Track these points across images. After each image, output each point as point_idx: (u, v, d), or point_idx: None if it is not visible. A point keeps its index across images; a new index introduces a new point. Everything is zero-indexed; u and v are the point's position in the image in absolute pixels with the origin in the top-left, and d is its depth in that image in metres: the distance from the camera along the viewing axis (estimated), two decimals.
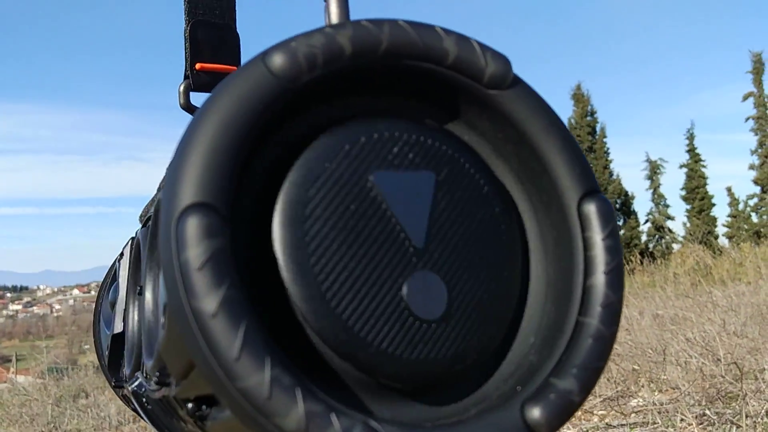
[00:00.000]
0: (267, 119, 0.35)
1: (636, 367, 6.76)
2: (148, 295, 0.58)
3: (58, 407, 9.31)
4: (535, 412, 0.38)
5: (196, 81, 0.67)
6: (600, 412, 5.67)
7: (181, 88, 0.68)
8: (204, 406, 0.42)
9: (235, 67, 0.68)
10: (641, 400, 5.75)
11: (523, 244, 0.43)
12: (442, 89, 0.41)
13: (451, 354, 0.38)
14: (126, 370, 0.67)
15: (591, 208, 0.42)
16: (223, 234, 0.32)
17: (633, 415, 5.25)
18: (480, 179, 0.40)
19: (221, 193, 0.34)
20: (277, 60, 0.36)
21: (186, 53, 0.69)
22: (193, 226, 0.33)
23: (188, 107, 0.69)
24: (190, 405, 0.43)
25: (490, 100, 0.40)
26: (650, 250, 22.86)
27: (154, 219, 0.57)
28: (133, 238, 0.73)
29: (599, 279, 0.40)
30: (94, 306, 1.00)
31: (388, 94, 0.41)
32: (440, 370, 0.37)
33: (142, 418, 0.74)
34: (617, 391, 6.11)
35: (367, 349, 0.36)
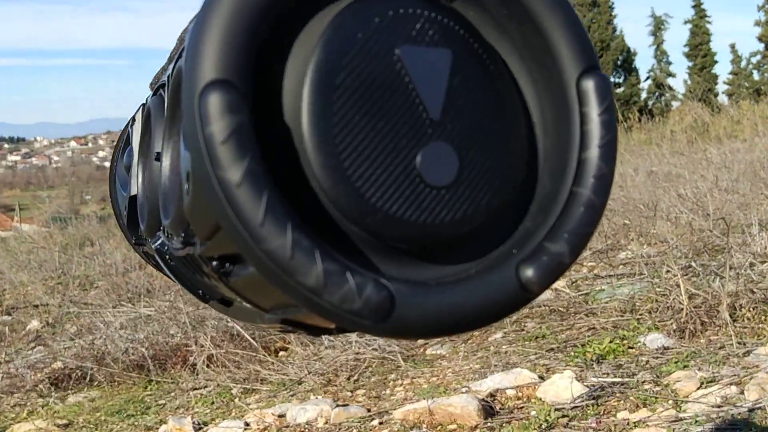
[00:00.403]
0: None
1: (627, 222, 6.93)
2: (166, 161, 0.60)
3: (65, 254, 9.57)
4: (529, 272, 0.42)
5: None
6: (589, 264, 5.88)
7: None
8: (228, 264, 0.45)
9: None
10: (630, 252, 5.95)
11: (526, 118, 0.46)
12: None
13: (458, 218, 0.41)
14: (142, 228, 0.72)
15: (589, 85, 0.44)
16: (243, 109, 0.35)
17: (621, 266, 5.45)
18: (486, 57, 0.43)
19: (241, 70, 0.36)
20: None
21: None
22: (215, 101, 0.35)
23: None
24: (214, 263, 0.46)
25: None
26: (649, 107, 22.72)
27: (173, 90, 0.58)
28: (144, 105, 0.76)
29: (593, 152, 0.44)
30: (109, 168, 1.04)
31: None
32: (445, 233, 0.41)
33: (164, 273, 0.78)
34: (607, 245, 6.30)
35: (376, 214, 0.40)
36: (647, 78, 24.11)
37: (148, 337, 4.74)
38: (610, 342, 3.63)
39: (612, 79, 25.92)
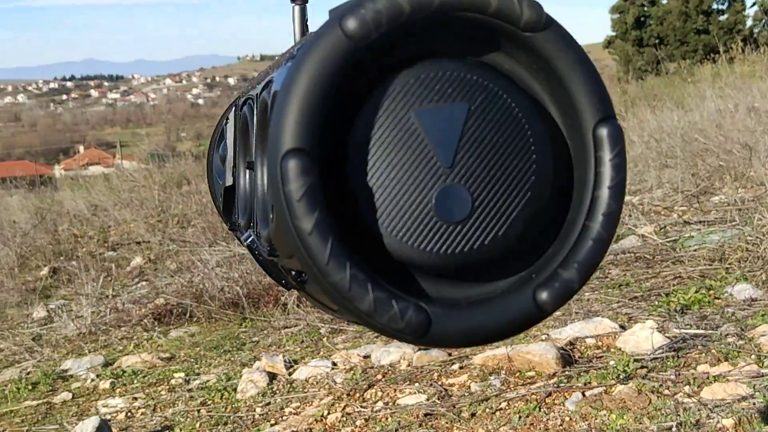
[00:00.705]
0: (345, 74, 0.46)
1: (722, 163, 6.70)
2: (259, 173, 0.71)
3: (164, 192, 10.03)
4: (543, 295, 0.51)
5: None
6: (680, 208, 5.76)
7: None
8: (304, 274, 0.55)
9: None
10: (723, 197, 5.78)
11: (558, 156, 0.53)
12: (486, 32, 0.50)
13: (476, 247, 0.50)
14: (240, 220, 0.83)
15: (604, 132, 0.51)
16: (313, 172, 0.45)
17: (713, 212, 5.31)
18: (512, 103, 0.50)
19: (312, 139, 0.45)
20: (351, 24, 0.46)
21: None
22: (293, 166, 0.45)
23: None
24: (293, 272, 0.57)
25: (526, 40, 0.49)
26: (755, 36, 21.44)
27: (260, 113, 0.68)
28: (235, 105, 0.85)
29: (604, 192, 0.51)
30: (206, 155, 1.15)
31: (442, 37, 0.50)
32: (467, 260, 0.50)
33: (254, 260, 0.90)
34: (699, 189, 6.14)
35: (403, 247, 0.49)
36: (753, 4, 22.69)
37: (242, 276, 4.99)
38: (696, 292, 3.60)
39: (714, 6, 24.51)
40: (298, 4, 0.80)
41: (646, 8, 26.06)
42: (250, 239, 0.77)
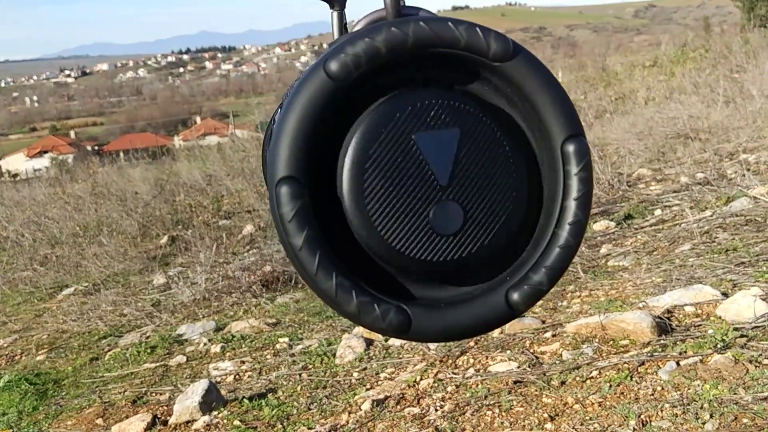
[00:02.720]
0: (329, 109, 0.52)
1: None
2: None
3: None
4: (515, 296, 0.56)
5: None
6: None
7: None
8: None
9: None
10: None
11: (532, 171, 0.58)
12: (461, 63, 0.55)
13: (464, 256, 0.56)
14: None
15: (571, 148, 0.56)
16: (303, 195, 0.52)
17: None
18: (494, 127, 0.55)
19: (300, 168, 0.52)
20: (333, 67, 0.52)
21: None
22: (284, 192, 0.52)
23: None
24: None
25: (497, 69, 0.55)
26: None
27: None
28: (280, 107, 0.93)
29: (571, 202, 0.56)
30: (261, 149, 1.22)
31: (424, 69, 0.55)
32: (455, 266, 0.56)
33: None
34: None
35: (400, 256, 0.55)
36: None
37: None
38: None
39: None
40: (336, 10, 0.86)
41: None
42: None
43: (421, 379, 2.97)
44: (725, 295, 3.18)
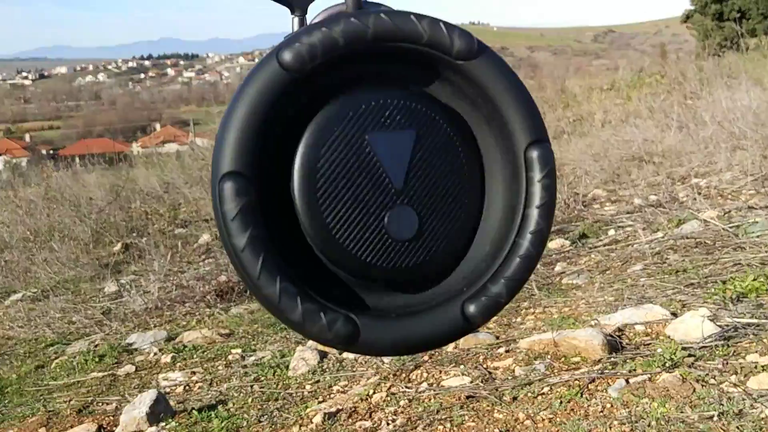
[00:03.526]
0: (283, 102, 0.50)
1: None
2: None
3: None
4: (471, 308, 0.54)
5: None
6: (749, 192, 5.58)
7: None
8: None
9: None
10: None
11: (488, 178, 0.56)
12: (423, 60, 0.53)
13: (418, 263, 0.54)
14: None
15: (534, 154, 0.54)
16: (248, 193, 0.49)
17: None
18: (450, 131, 0.53)
19: (247, 163, 0.50)
20: (287, 56, 0.50)
21: None
22: (228, 188, 0.49)
23: None
24: None
25: (460, 68, 0.53)
26: None
27: None
28: None
29: (533, 210, 0.54)
30: None
31: (382, 65, 0.53)
32: (409, 274, 0.54)
33: None
34: None
35: (354, 260, 0.52)
36: None
37: None
38: (754, 280, 3.50)
39: None
40: (297, 15, 0.85)
41: None
42: None
43: (374, 392, 2.96)
44: (674, 315, 3.24)
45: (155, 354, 3.99)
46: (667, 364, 2.71)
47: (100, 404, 3.36)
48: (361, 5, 0.56)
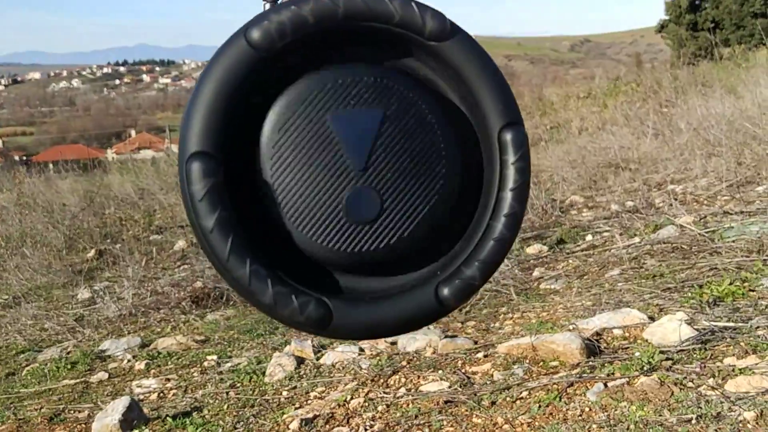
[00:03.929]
0: (251, 81, 0.48)
1: None
2: None
3: None
4: (445, 291, 0.52)
5: None
6: (723, 198, 5.63)
7: None
8: None
9: None
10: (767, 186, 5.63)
11: (468, 158, 0.53)
12: (395, 40, 0.51)
13: (381, 246, 0.51)
14: None
15: (508, 137, 0.52)
16: (217, 173, 0.47)
17: (757, 202, 5.18)
18: (426, 109, 0.51)
19: (215, 143, 0.47)
20: (255, 35, 0.47)
21: None
22: (196, 168, 0.47)
23: None
24: None
25: (433, 49, 0.51)
26: None
27: None
28: None
29: (507, 193, 0.52)
30: None
31: (354, 44, 0.51)
32: (374, 258, 0.51)
33: None
34: (745, 177, 5.99)
35: (312, 245, 0.50)
36: None
37: None
38: (730, 284, 3.52)
39: None
40: (269, 1, 0.83)
41: None
42: None
43: (352, 398, 2.92)
44: (652, 318, 3.24)
45: (129, 361, 3.92)
46: (645, 368, 2.71)
47: (72, 412, 3.29)
48: None
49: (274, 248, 0.51)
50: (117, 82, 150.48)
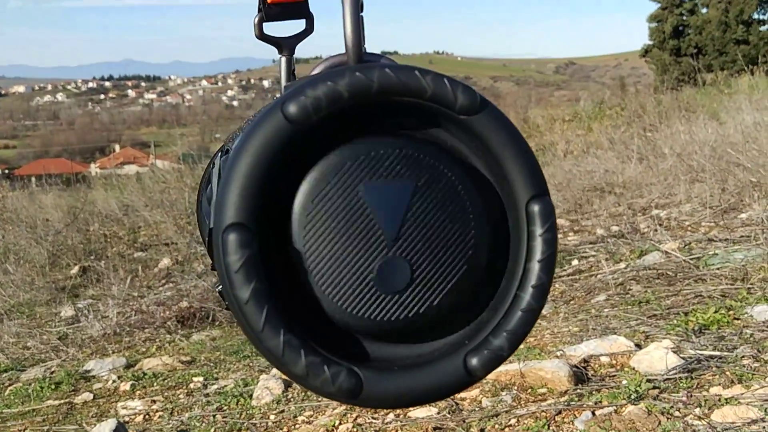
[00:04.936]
0: (286, 153, 0.49)
1: (753, 179, 6.60)
2: None
3: (194, 194, 10.16)
4: (474, 361, 0.52)
5: (268, 13, 0.78)
6: (708, 224, 5.70)
7: (256, 20, 0.79)
8: None
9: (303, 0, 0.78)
10: (752, 213, 5.70)
11: (492, 228, 0.55)
12: (427, 114, 0.53)
13: (411, 316, 0.52)
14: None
15: (536, 208, 0.53)
16: (252, 245, 0.48)
17: (740, 229, 5.25)
18: (455, 180, 0.53)
19: (251, 214, 0.48)
20: (291, 109, 0.49)
21: None
22: (232, 239, 0.48)
23: (262, 37, 0.80)
24: None
25: (462, 122, 0.52)
26: None
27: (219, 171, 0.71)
28: (221, 151, 0.89)
29: (535, 264, 0.53)
30: (197, 194, 1.17)
31: (386, 117, 0.53)
32: (404, 326, 0.52)
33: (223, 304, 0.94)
34: (729, 204, 6.06)
35: (343, 313, 0.51)
36: None
37: None
38: (716, 312, 3.56)
39: (755, 16, 24.11)
40: (285, 55, 0.84)
41: (684, 17, 25.77)
42: (219, 287, 0.81)
43: (340, 423, 2.91)
44: (638, 346, 3.27)
45: (114, 381, 3.89)
46: (632, 396, 2.73)
47: None
48: (362, 58, 0.56)
49: (305, 317, 0.52)
50: (102, 96, 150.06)
